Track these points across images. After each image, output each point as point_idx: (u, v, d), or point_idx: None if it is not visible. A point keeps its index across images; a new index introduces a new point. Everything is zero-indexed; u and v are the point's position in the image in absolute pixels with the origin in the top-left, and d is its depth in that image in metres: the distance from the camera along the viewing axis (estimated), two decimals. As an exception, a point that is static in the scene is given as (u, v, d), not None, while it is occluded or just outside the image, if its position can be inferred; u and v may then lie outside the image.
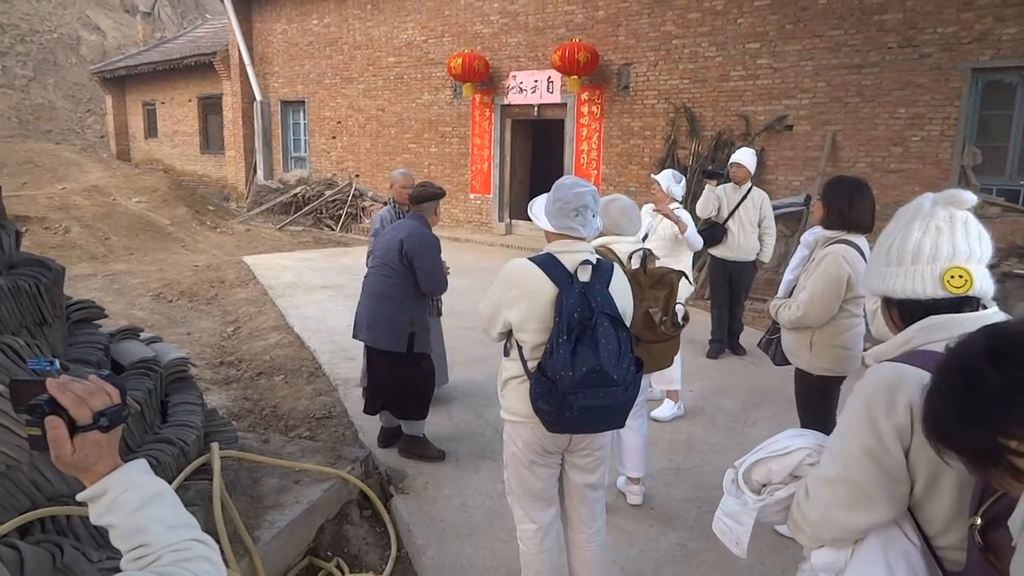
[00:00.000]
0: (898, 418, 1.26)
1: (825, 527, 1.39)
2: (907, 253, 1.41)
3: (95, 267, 9.89)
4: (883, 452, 1.28)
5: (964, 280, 1.36)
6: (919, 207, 1.45)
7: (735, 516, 1.61)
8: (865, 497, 1.31)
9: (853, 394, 1.38)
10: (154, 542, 1.05)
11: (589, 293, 2.26)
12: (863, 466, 1.31)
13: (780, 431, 1.66)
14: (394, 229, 4.11)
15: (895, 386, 1.28)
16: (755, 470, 1.58)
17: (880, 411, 1.28)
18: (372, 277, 4.04)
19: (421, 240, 3.94)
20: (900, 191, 7.84)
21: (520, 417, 2.42)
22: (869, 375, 1.37)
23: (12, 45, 22.50)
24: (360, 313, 4.07)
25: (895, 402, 1.27)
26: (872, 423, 1.29)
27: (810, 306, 3.07)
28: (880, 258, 1.48)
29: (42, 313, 2.72)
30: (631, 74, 10.05)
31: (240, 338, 6.64)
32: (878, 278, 1.48)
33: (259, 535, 2.86)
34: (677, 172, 4.84)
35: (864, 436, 1.31)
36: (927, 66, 7.73)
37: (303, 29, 14.51)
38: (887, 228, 1.51)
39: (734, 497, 1.61)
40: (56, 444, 1.04)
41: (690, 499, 3.68)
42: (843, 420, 1.39)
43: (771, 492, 1.54)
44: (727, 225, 5.83)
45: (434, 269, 3.98)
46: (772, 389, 5.15)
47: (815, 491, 1.40)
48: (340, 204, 13.89)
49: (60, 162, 16.61)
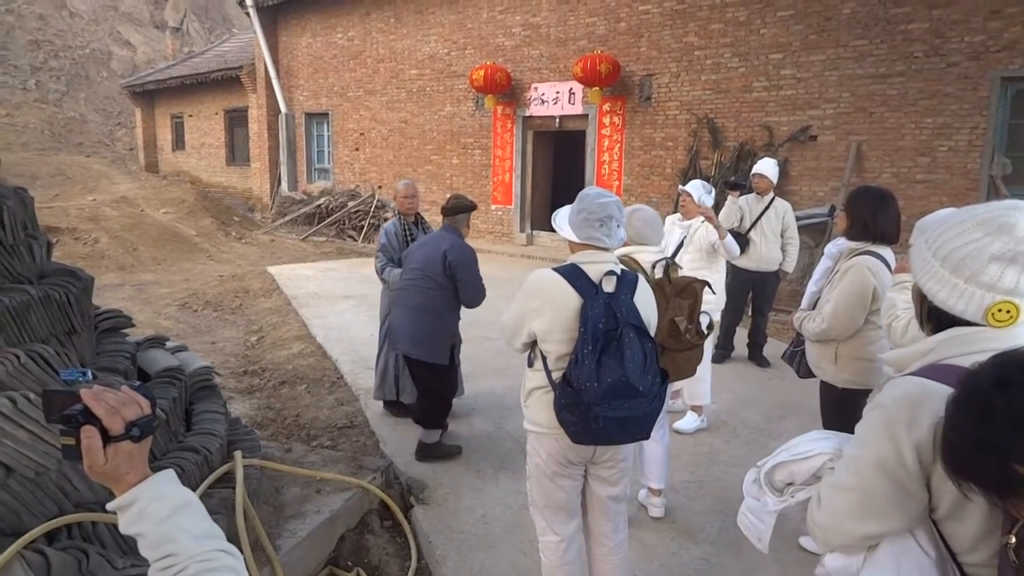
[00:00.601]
0: (920, 433, 1.23)
1: (833, 533, 1.37)
2: (967, 269, 1.28)
3: (123, 277, 10.07)
4: (899, 466, 1.25)
5: (1010, 316, 1.26)
6: (1012, 226, 1.26)
7: (757, 513, 1.60)
8: (873, 508, 1.29)
9: (872, 405, 1.35)
10: (182, 552, 1.06)
11: (614, 304, 2.25)
12: (875, 478, 1.28)
13: None
14: (432, 240, 4.12)
15: (917, 401, 1.25)
16: (777, 471, 1.57)
17: (901, 425, 1.25)
18: (412, 290, 4.03)
19: (463, 252, 3.98)
20: (927, 201, 7.73)
21: (544, 428, 2.41)
22: (890, 388, 1.33)
23: (46, 60, 23.09)
24: (400, 325, 4.07)
25: (917, 417, 1.24)
26: (891, 436, 1.26)
27: (835, 318, 3.03)
28: (940, 248, 1.32)
29: (71, 322, 2.77)
30: (653, 85, 10.04)
31: (263, 347, 6.71)
32: (927, 272, 1.35)
33: (280, 544, 2.87)
34: (706, 183, 4.78)
35: (881, 448, 1.28)
36: (954, 75, 7.63)
37: (328, 43, 14.72)
38: (964, 213, 1.33)
39: (754, 499, 1.60)
40: (90, 453, 1.06)
41: (712, 512, 3.63)
42: (860, 430, 1.36)
43: (792, 494, 1.52)
44: (749, 235, 5.81)
45: (476, 281, 4.02)
46: (796, 402, 5.08)
47: (826, 497, 1.39)
48: (363, 215, 14.01)
49: (90, 174, 16.98)
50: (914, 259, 1.41)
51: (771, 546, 3.28)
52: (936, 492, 1.25)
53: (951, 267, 1.30)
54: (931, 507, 1.27)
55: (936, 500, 1.26)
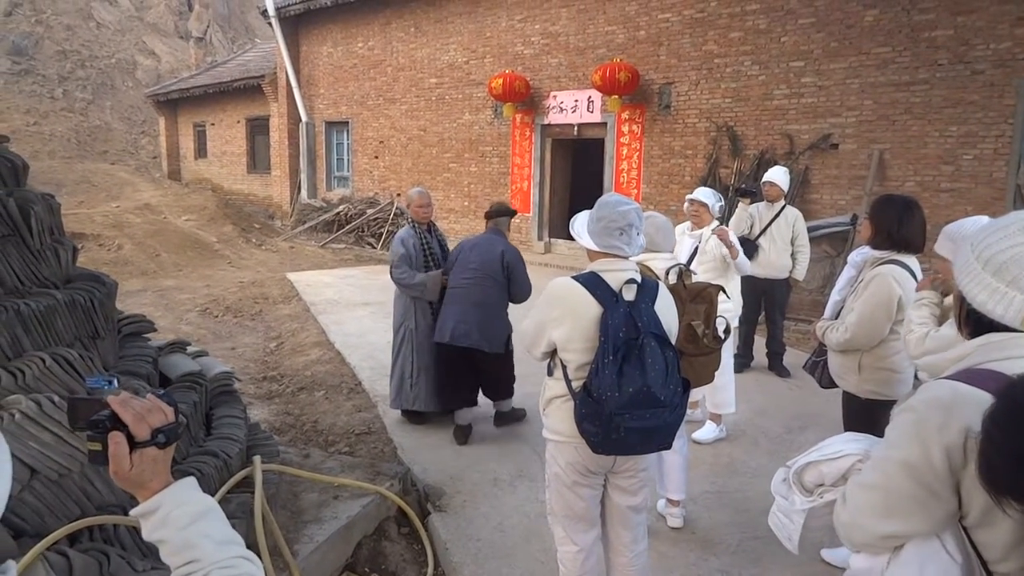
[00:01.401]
0: (951, 438, 1.21)
1: (854, 531, 1.37)
2: (1009, 273, 1.26)
3: (145, 283, 10.19)
4: (927, 468, 1.23)
5: None
6: None
7: (787, 513, 1.59)
8: (896, 508, 1.28)
9: (903, 408, 1.34)
10: (203, 558, 1.07)
11: (635, 312, 2.23)
12: (900, 478, 1.27)
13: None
14: (485, 243, 4.56)
15: (950, 405, 1.23)
16: (807, 471, 1.56)
17: (932, 428, 1.24)
18: (473, 288, 4.41)
19: (516, 252, 4.56)
20: (951, 210, 7.62)
21: (563, 437, 2.39)
22: (922, 392, 1.32)
23: (73, 70, 23.52)
24: (465, 321, 4.37)
25: (949, 422, 1.22)
26: (921, 439, 1.25)
27: (859, 328, 2.99)
28: (983, 251, 1.31)
29: (95, 326, 2.81)
30: (672, 93, 10.01)
31: (282, 353, 6.75)
32: (968, 274, 1.34)
33: (298, 549, 2.88)
34: (715, 190, 4.79)
35: (910, 450, 1.26)
36: (979, 83, 7.53)
37: (348, 52, 14.85)
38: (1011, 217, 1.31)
39: (783, 498, 1.59)
40: (116, 459, 1.07)
41: (732, 523, 3.59)
42: (890, 432, 1.35)
43: (821, 494, 1.51)
44: (758, 242, 5.82)
45: (526, 278, 4.58)
46: (817, 412, 5.01)
47: (851, 495, 1.39)
48: (381, 222, 14.09)
49: (115, 181, 17.24)
50: (957, 262, 1.40)
51: (792, 560, 3.24)
52: (966, 498, 1.23)
53: (993, 270, 1.29)
54: (961, 513, 1.25)
55: (966, 506, 1.23)
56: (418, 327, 4.70)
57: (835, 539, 3.38)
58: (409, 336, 4.72)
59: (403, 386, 4.70)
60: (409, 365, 4.69)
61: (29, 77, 22.38)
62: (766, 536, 3.42)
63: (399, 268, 4.63)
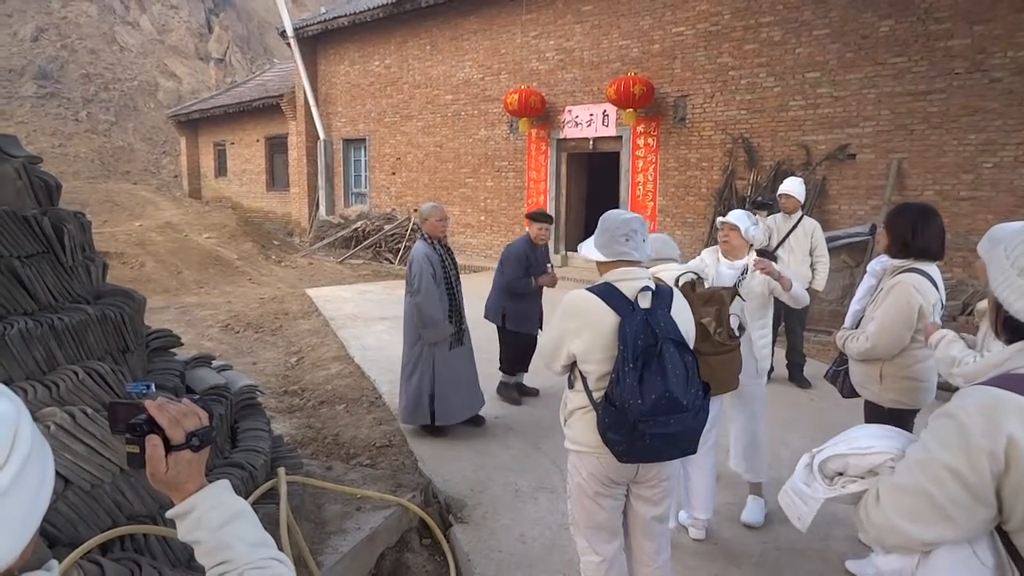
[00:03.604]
0: (993, 443, 1.21)
1: (888, 533, 1.36)
2: None
3: (168, 299, 10.34)
4: (971, 472, 1.23)
5: None
6: None
7: (802, 496, 1.58)
8: (937, 513, 1.28)
9: (941, 412, 1.33)
10: (237, 559, 1.10)
11: (652, 319, 2.25)
12: (944, 482, 1.26)
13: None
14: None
15: (992, 410, 1.23)
16: (832, 461, 1.55)
17: (975, 433, 1.23)
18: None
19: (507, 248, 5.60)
20: (972, 219, 7.56)
21: (586, 447, 2.40)
22: (962, 397, 1.31)
23: (96, 92, 24.04)
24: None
25: (992, 427, 1.22)
26: (964, 443, 1.25)
27: (879, 337, 2.99)
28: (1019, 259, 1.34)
29: (126, 340, 2.88)
30: (687, 106, 10.05)
31: (303, 368, 6.82)
32: (1004, 281, 1.36)
33: (323, 560, 2.91)
34: (750, 213, 3.84)
35: (953, 453, 1.26)
36: (998, 91, 7.49)
37: (365, 70, 15.06)
38: None
39: (803, 484, 1.58)
40: (153, 462, 1.11)
41: (755, 535, 3.57)
42: (928, 436, 1.34)
43: (843, 484, 1.50)
44: (777, 253, 5.80)
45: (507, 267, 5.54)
46: (839, 423, 4.93)
47: (886, 497, 1.37)
48: (399, 238, 14.21)
49: (137, 201, 17.56)
50: (991, 268, 1.42)
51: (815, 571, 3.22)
52: (1008, 504, 1.23)
53: None
54: (1001, 518, 1.25)
55: (1008, 512, 1.23)
56: (439, 344, 4.67)
57: (859, 549, 3.35)
58: (428, 353, 4.67)
59: (420, 403, 4.68)
60: (427, 382, 4.65)
61: (54, 100, 22.91)
62: (789, 548, 3.41)
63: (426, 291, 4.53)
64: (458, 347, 4.79)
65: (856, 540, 3.44)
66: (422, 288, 4.56)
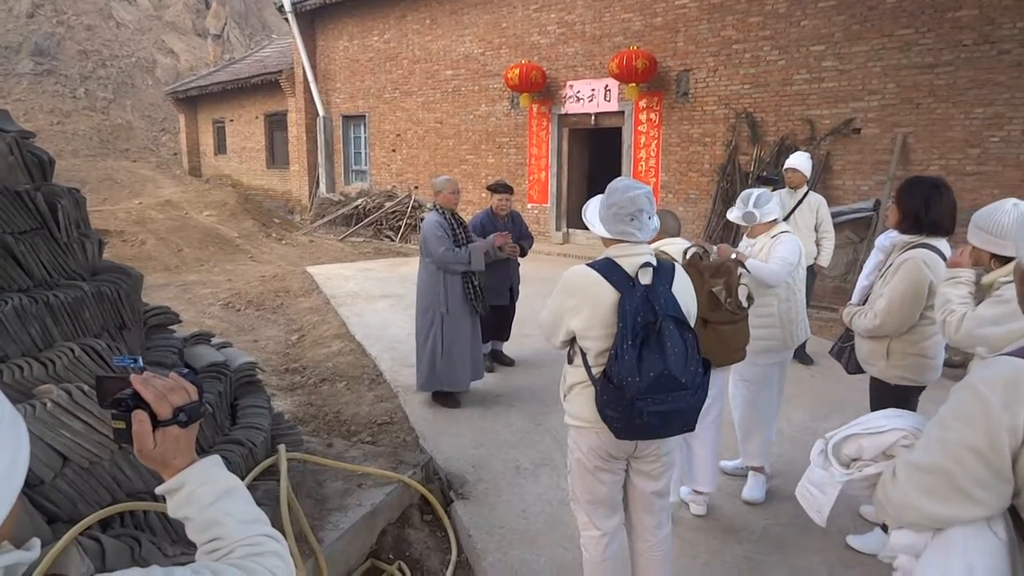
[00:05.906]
0: (1014, 418, 1.18)
1: (906, 511, 1.35)
2: None
3: (168, 277, 10.32)
4: (991, 449, 1.20)
5: None
6: None
7: (820, 486, 1.57)
8: (957, 490, 1.25)
9: (962, 385, 1.30)
10: (227, 535, 1.08)
11: (652, 296, 2.22)
12: (964, 460, 1.23)
13: None
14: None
15: (1014, 383, 1.20)
16: (846, 444, 1.53)
17: (995, 407, 1.20)
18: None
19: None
20: (977, 194, 7.48)
21: (584, 422, 2.38)
22: (984, 369, 1.28)
23: (94, 70, 23.81)
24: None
25: (1013, 400, 1.19)
26: (984, 418, 1.21)
27: (888, 314, 2.94)
28: None
29: (122, 317, 2.85)
30: (690, 80, 9.92)
31: (304, 346, 6.81)
32: None
33: (323, 536, 2.91)
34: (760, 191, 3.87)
35: (973, 430, 1.23)
36: (1006, 63, 7.37)
37: (364, 45, 14.88)
38: None
39: (820, 468, 1.57)
40: (139, 437, 1.08)
41: (756, 510, 3.57)
42: (946, 411, 1.31)
43: (860, 468, 1.48)
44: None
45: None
46: (842, 399, 4.96)
47: (904, 475, 1.35)
48: (400, 215, 14.13)
49: (137, 179, 17.47)
50: (1019, 242, 1.39)
51: (818, 546, 3.22)
52: (1021, 478, 1.20)
53: None
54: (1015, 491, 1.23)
55: (1019, 486, 1.21)
56: (450, 311, 4.78)
57: (860, 524, 3.35)
58: (439, 320, 4.79)
59: (434, 368, 4.79)
60: (439, 347, 4.78)
61: (51, 77, 22.69)
62: (791, 523, 3.40)
63: (444, 246, 4.70)
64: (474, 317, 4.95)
65: (858, 516, 3.44)
66: (431, 246, 4.75)
